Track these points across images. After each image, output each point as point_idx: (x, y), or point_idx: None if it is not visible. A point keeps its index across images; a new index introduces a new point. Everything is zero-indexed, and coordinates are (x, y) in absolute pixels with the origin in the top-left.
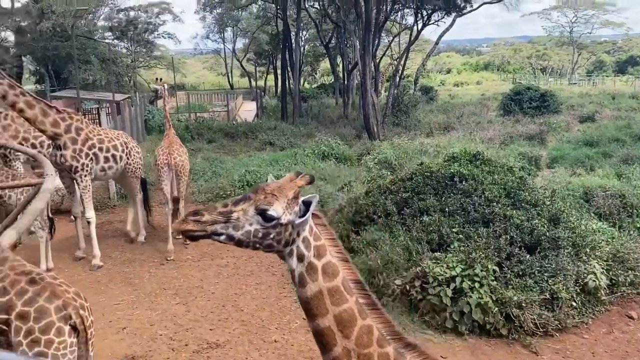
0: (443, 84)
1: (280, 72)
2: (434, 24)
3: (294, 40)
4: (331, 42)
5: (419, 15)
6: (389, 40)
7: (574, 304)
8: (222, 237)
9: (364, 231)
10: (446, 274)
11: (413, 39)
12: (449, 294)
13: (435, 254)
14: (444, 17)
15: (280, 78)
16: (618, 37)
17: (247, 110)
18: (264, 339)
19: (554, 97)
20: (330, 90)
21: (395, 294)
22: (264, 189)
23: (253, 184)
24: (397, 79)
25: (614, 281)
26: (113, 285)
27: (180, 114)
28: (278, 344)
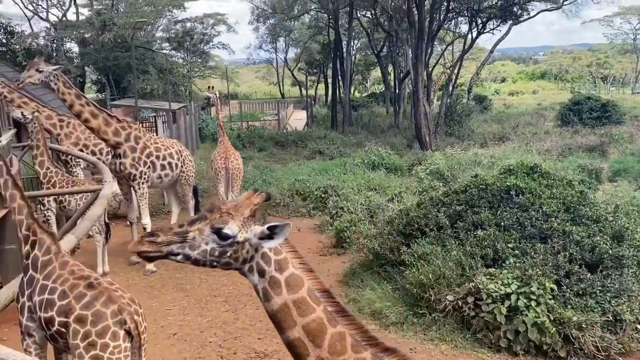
0: (497, 93)
1: (330, 81)
2: (489, 32)
3: (345, 49)
4: (382, 51)
5: (474, 23)
6: (441, 49)
7: (639, 326)
8: (179, 257)
9: (415, 244)
10: (501, 290)
11: (467, 47)
12: (504, 311)
13: (490, 269)
14: (499, 25)
15: (330, 87)
16: None
17: (298, 119)
18: None
19: (616, 107)
20: (380, 99)
21: (447, 310)
22: (219, 208)
23: (302, 193)
24: (450, 88)
25: None
26: (165, 290)
27: (232, 122)
28: None
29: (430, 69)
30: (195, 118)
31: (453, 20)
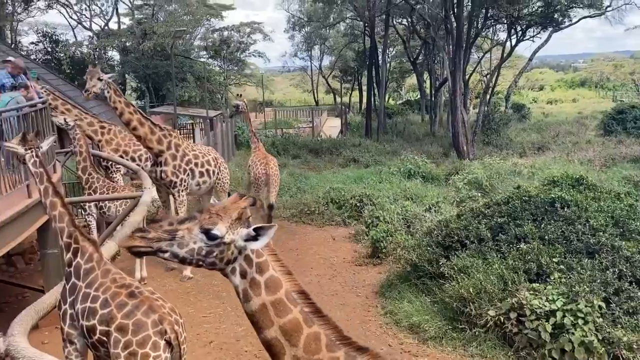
0: (535, 102)
1: (365, 89)
2: (529, 39)
3: (380, 57)
4: (419, 59)
5: (513, 30)
6: (478, 57)
7: None
8: (167, 254)
9: (455, 256)
10: (545, 307)
11: (506, 55)
12: (549, 329)
13: (533, 284)
14: (539, 33)
15: (365, 94)
16: None
17: (332, 127)
18: None
19: None
20: (415, 107)
21: (488, 326)
22: (209, 209)
23: (337, 201)
24: (488, 96)
25: None
26: (202, 297)
27: (267, 129)
28: None
29: (467, 77)
30: (232, 125)
31: (491, 28)
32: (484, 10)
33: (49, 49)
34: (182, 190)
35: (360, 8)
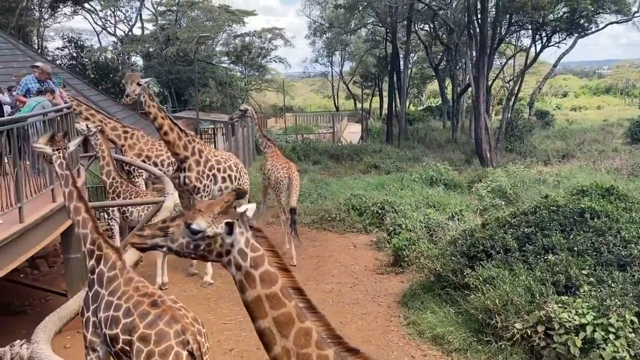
0: (559, 108)
1: (386, 94)
2: (554, 45)
3: (402, 62)
4: (441, 64)
5: (538, 36)
6: (500, 63)
7: None
8: (164, 249)
9: (480, 267)
10: (575, 320)
11: (530, 61)
12: (578, 343)
13: (562, 297)
14: (565, 39)
15: (386, 100)
16: None
17: (352, 132)
18: None
19: None
20: (437, 113)
21: (515, 339)
22: (195, 206)
23: (359, 208)
24: (511, 103)
25: None
26: (222, 303)
27: (287, 135)
28: None
29: (489, 83)
30: (253, 130)
31: (515, 34)
32: (508, 16)
33: (74, 54)
34: (205, 196)
35: (382, 14)
